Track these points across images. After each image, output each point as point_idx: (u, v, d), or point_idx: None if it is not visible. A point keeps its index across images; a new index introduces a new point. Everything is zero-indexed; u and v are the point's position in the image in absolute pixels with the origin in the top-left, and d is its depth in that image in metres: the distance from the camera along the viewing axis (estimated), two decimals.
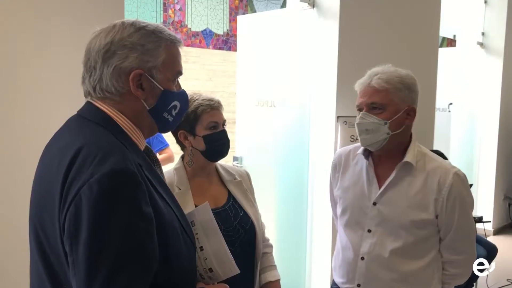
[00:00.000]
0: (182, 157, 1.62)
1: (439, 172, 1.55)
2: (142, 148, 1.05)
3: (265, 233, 1.77)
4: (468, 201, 1.58)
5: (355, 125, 1.59)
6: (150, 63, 1.00)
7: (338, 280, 1.74)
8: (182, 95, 1.10)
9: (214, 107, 1.53)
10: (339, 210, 1.75)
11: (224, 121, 1.57)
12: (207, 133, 1.52)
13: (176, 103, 1.07)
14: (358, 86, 1.61)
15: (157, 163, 1.12)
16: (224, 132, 1.56)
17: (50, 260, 0.94)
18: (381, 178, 1.62)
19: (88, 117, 1.01)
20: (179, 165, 1.61)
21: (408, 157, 1.56)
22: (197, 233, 1.15)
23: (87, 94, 1.04)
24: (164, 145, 3.44)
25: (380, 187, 1.61)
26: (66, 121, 1.05)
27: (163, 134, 3.44)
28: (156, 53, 1.01)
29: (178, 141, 1.59)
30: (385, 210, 1.59)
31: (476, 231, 1.67)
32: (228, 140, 1.57)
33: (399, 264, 1.58)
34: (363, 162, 1.67)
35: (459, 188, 1.54)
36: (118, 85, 0.99)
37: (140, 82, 1.00)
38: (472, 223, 1.63)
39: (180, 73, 1.08)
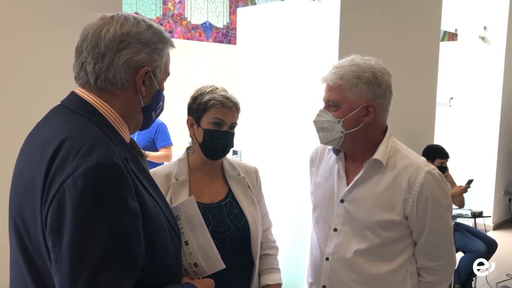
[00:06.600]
0: (188, 149, 1.61)
1: (410, 170, 1.42)
2: (127, 140, 1.03)
3: (272, 233, 1.73)
4: (443, 203, 1.44)
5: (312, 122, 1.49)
6: (157, 62, 1.02)
7: (308, 281, 1.65)
8: (164, 97, 1.12)
9: (226, 105, 1.50)
10: (311, 207, 1.66)
11: (233, 123, 1.54)
12: (209, 127, 1.50)
13: (161, 103, 1.09)
14: (321, 80, 1.52)
15: (141, 156, 1.09)
16: (225, 133, 1.51)
17: (31, 256, 0.91)
18: (351, 175, 1.51)
19: (72, 108, 0.98)
20: (183, 156, 1.60)
21: (378, 154, 1.44)
22: (182, 228, 1.13)
23: (84, 82, 0.99)
24: (168, 143, 3.51)
25: (348, 184, 1.50)
26: (49, 111, 1.02)
27: (169, 132, 3.56)
28: (163, 53, 1.03)
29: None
30: (351, 208, 1.48)
31: (452, 233, 1.53)
32: (227, 143, 1.52)
33: (365, 267, 1.47)
34: (335, 156, 1.56)
35: (432, 188, 1.40)
36: (124, 78, 0.98)
37: (144, 79, 1.00)
38: (448, 226, 1.49)
39: (169, 74, 1.10)
